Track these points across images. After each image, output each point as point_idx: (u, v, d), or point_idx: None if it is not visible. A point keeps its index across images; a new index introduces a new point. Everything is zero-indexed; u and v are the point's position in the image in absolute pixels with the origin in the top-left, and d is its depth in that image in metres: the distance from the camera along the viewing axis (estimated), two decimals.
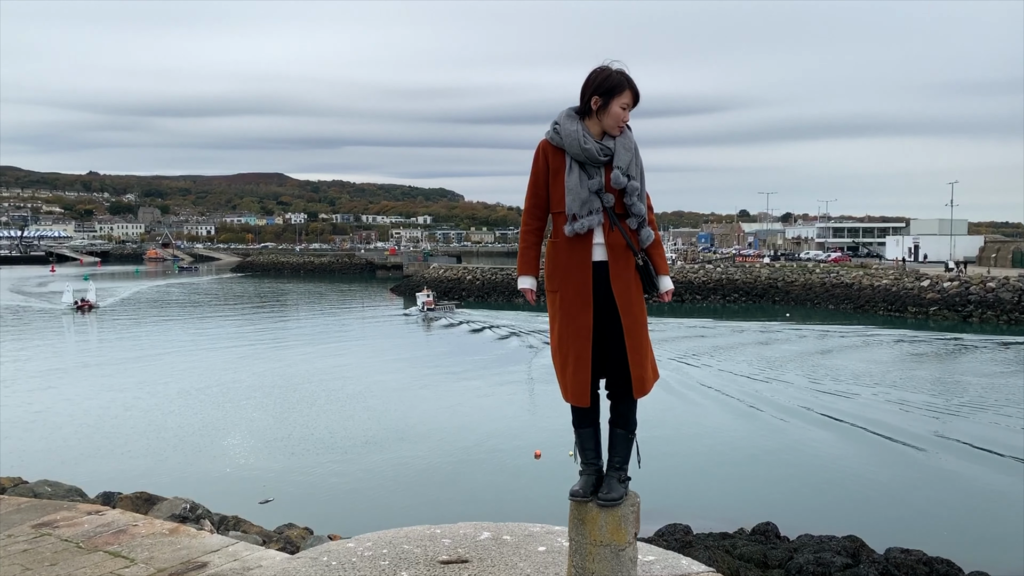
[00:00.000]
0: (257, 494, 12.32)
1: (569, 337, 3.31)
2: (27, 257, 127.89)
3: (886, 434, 16.86)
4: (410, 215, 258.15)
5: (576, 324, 3.29)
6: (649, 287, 3.41)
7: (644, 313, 3.40)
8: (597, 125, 3.32)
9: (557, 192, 3.34)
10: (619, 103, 3.29)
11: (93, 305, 45.71)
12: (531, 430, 17.06)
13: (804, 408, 19.36)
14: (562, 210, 3.30)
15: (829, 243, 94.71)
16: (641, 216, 3.34)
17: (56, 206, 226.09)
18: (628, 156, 3.32)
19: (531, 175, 3.46)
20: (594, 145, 3.27)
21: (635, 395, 3.34)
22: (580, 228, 3.23)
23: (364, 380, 23.15)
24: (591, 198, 3.25)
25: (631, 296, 3.31)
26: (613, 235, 3.29)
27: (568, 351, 3.32)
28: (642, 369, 3.31)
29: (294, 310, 50.84)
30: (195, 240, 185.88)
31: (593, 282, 3.29)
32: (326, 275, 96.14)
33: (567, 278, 3.31)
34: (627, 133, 3.38)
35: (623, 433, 3.44)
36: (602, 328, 3.31)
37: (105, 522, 5.56)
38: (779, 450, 15.85)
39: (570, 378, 3.32)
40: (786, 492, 13.17)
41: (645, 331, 3.39)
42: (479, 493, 12.89)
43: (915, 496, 13.03)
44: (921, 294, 43.57)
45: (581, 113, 3.36)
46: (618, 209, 3.31)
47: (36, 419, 17.99)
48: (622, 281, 3.30)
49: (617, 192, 3.29)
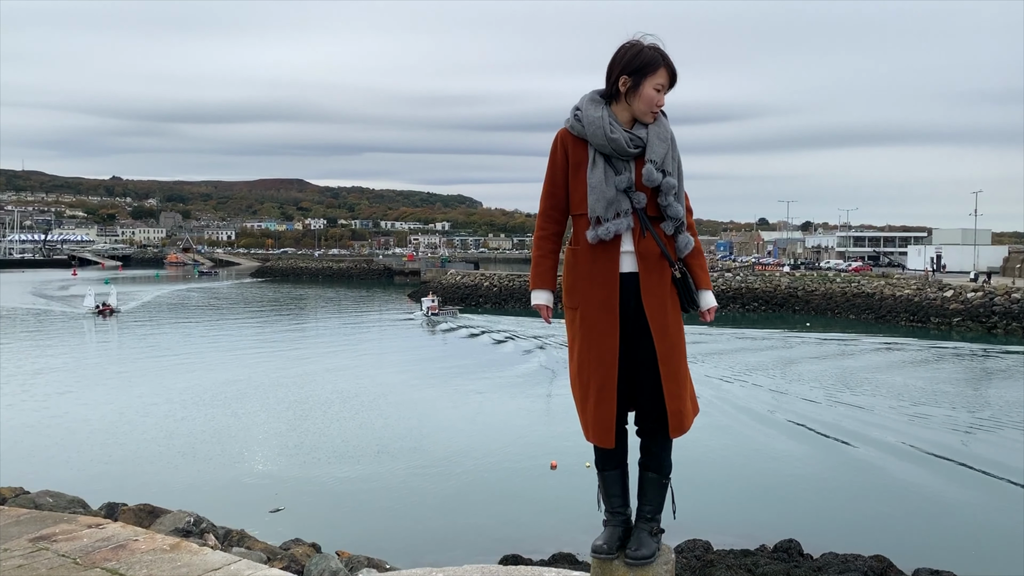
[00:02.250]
0: (268, 502, 12.17)
1: (591, 364, 2.82)
2: (50, 260, 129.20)
3: (914, 445, 16.48)
4: (428, 221, 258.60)
5: (600, 348, 2.80)
6: (688, 303, 2.93)
7: (682, 335, 2.92)
8: (626, 111, 2.83)
9: (578, 191, 2.85)
10: (652, 84, 2.78)
11: (114, 309, 45.84)
12: (546, 439, 16.82)
13: (827, 420, 18.99)
14: (584, 212, 2.82)
15: (850, 252, 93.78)
16: (678, 219, 2.85)
17: (79, 210, 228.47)
18: (663, 148, 2.82)
19: (547, 171, 2.96)
20: (622, 134, 2.78)
21: (671, 434, 2.86)
22: (605, 233, 2.75)
23: (378, 386, 23.02)
24: (619, 198, 2.77)
25: (666, 315, 2.83)
26: (645, 242, 2.80)
27: (590, 381, 2.83)
28: (680, 402, 2.83)
29: (312, 315, 50.91)
30: (215, 245, 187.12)
31: (621, 298, 2.81)
32: (344, 280, 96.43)
33: (589, 293, 2.83)
34: (661, 120, 2.88)
35: (655, 478, 2.96)
36: (631, 353, 2.84)
37: (105, 536, 5.40)
38: (801, 463, 15.51)
39: (592, 413, 2.83)
40: (809, 507, 12.84)
41: (683, 357, 2.91)
42: (493, 507, 12.65)
43: (944, 514, 12.67)
44: (944, 305, 42.92)
45: (607, 97, 2.87)
46: (651, 211, 2.83)
47: (51, 424, 17.99)
48: (656, 297, 2.82)
49: (650, 191, 2.81)
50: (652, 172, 2.78)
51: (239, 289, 76.97)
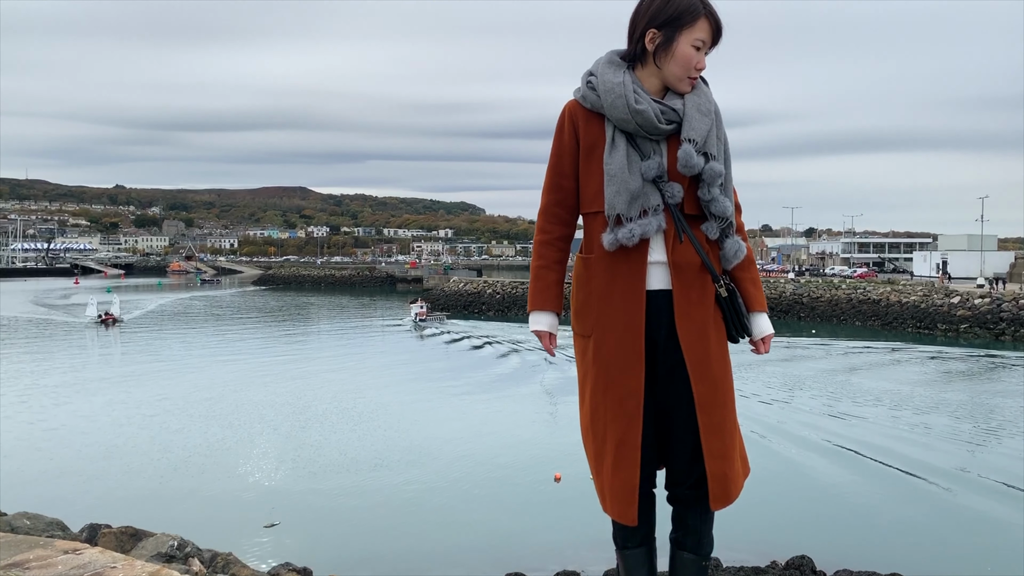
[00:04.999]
0: (263, 517, 11.85)
1: (608, 411, 2.15)
2: (53, 269, 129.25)
3: (933, 456, 16.11)
4: (431, 228, 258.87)
5: (619, 390, 2.12)
6: (737, 330, 2.24)
7: (729, 374, 2.22)
8: (655, 75, 2.14)
9: (592, 181, 2.16)
10: (690, 39, 2.07)
11: (117, 319, 45.34)
12: (549, 449, 16.48)
13: (839, 432, 18.62)
14: (600, 209, 2.13)
15: (854, 259, 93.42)
16: (725, 217, 2.16)
17: (82, 219, 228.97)
18: (705, 123, 2.10)
19: (551, 156, 2.24)
20: (651, 105, 2.08)
21: (713, 504, 2.25)
22: (628, 238, 2.07)
23: (373, 396, 22.73)
24: (646, 190, 2.09)
25: (708, 346, 2.15)
26: (681, 249, 2.12)
27: (606, 434, 2.15)
28: (725, 463, 2.18)
29: (313, 323, 50.67)
30: (218, 253, 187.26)
31: (648, 323, 2.13)
32: (347, 288, 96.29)
33: (606, 317, 2.14)
34: (702, 88, 2.18)
35: (693, 560, 2.33)
36: (662, 397, 2.18)
37: (81, 563, 5.08)
38: (812, 475, 15.15)
39: (609, 476, 2.16)
40: (822, 522, 12.48)
41: (730, 403, 2.20)
42: (495, 522, 12.31)
43: (962, 531, 12.29)
44: (951, 311, 42.58)
45: (630, 58, 2.18)
46: (688, 208, 2.15)
47: (45, 437, 17.66)
48: (694, 322, 2.13)
49: (688, 180, 2.13)
50: (691, 155, 2.08)
51: (241, 298, 76.78)
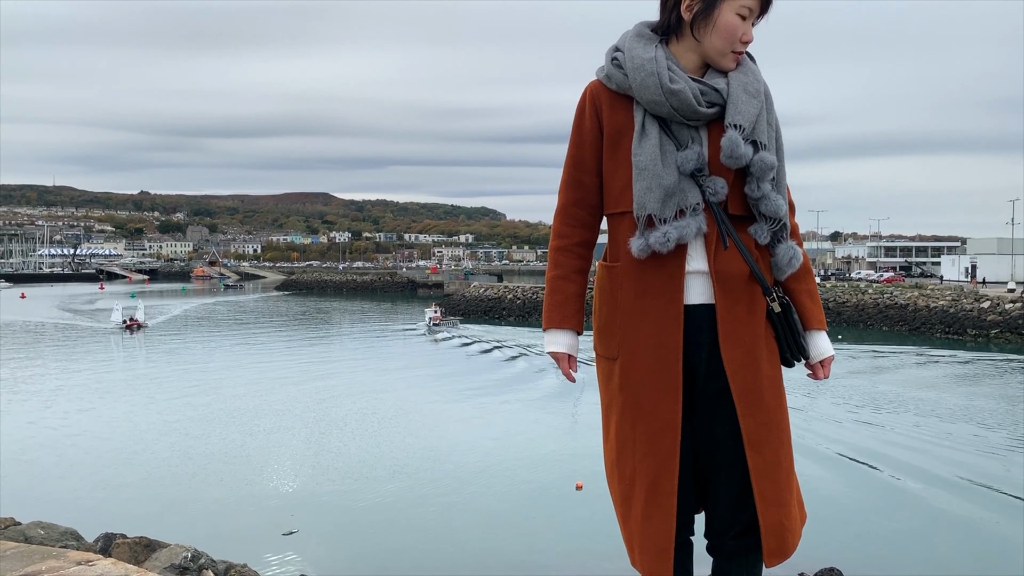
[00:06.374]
0: (282, 524, 11.75)
1: (638, 449, 1.80)
2: (78, 275, 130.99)
3: (969, 468, 15.71)
4: (452, 234, 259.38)
5: (652, 424, 1.78)
6: (792, 352, 1.90)
7: (783, 403, 1.88)
8: (693, 50, 1.82)
9: (618, 176, 1.83)
10: (735, 6, 1.77)
11: (142, 324, 45.45)
12: (570, 455, 16.25)
13: (870, 436, 18.24)
14: (627, 209, 1.80)
15: (881, 262, 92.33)
16: (778, 218, 1.82)
17: (108, 225, 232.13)
18: (754, 106, 1.80)
19: (570, 146, 1.91)
20: (688, 85, 1.76)
21: (768, 560, 1.82)
22: (662, 243, 1.74)
23: (392, 400, 22.64)
24: (683, 185, 1.76)
25: (759, 372, 1.81)
26: (725, 256, 1.79)
27: (635, 475, 1.80)
28: (781, 511, 1.80)
29: (335, 327, 50.81)
30: (241, 258, 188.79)
31: (686, 345, 1.80)
32: (368, 293, 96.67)
33: (636, 337, 1.81)
34: (748, 65, 1.86)
35: None
36: (702, 432, 1.84)
37: (94, 575, 4.98)
38: (841, 483, 14.80)
39: (639, 526, 1.81)
40: (852, 532, 12.15)
41: (786, 439, 1.87)
42: (515, 532, 12.12)
43: (995, 545, 11.92)
44: (981, 316, 41.86)
45: (664, 30, 1.86)
46: (733, 207, 1.81)
47: (66, 443, 17.68)
48: (742, 343, 1.80)
49: (733, 174, 1.80)
50: (737, 144, 1.74)
51: (264, 303, 77.21)
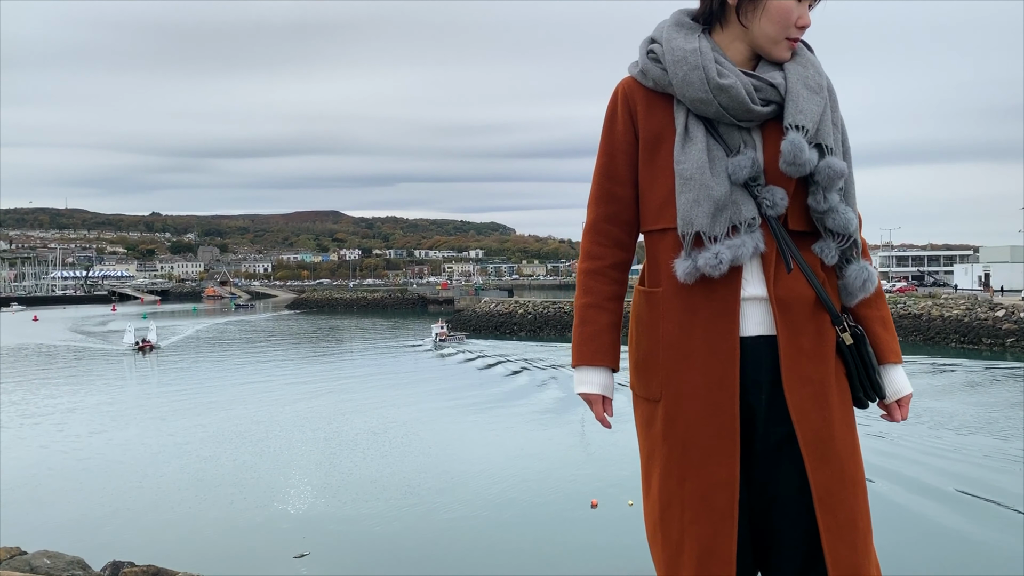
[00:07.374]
0: (294, 546, 11.64)
1: (688, 508, 1.51)
2: (91, 296, 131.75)
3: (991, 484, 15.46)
4: (462, 249, 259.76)
5: (703, 480, 1.50)
6: (867, 391, 1.62)
7: (858, 452, 1.60)
8: (741, 39, 1.56)
9: (658, 187, 1.56)
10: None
11: (154, 345, 45.29)
12: (585, 473, 16.10)
13: (878, 449, 18.02)
14: (670, 225, 1.54)
15: (892, 272, 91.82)
16: (847, 235, 1.54)
17: (119, 246, 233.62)
18: (817, 103, 1.53)
19: (599, 154, 1.64)
20: (740, 79, 1.50)
21: None
22: (713, 265, 1.47)
23: (401, 418, 22.54)
24: (735, 198, 1.49)
25: (830, 415, 1.53)
26: (788, 280, 1.52)
27: (683, 538, 1.52)
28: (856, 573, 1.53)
29: (345, 345, 50.81)
30: (252, 278, 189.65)
31: (742, 385, 1.52)
32: (379, 310, 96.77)
33: (682, 374, 1.53)
34: (806, 55, 1.59)
35: None
36: (760, 483, 1.54)
37: None
38: None
39: None
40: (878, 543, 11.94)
41: (863, 493, 1.58)
42: (530, 551, 11.97)
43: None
44: (996, 325, 41.47)
45: (706, 18, 1.59)
46: (795, 222, 1.54)
47: (80, 467, 17.62)
48: (809, 381, 1.52)
49: (794, 184, 1.52)
50: (800, 148, 1.47)
51: (275, 322, 77.35)
